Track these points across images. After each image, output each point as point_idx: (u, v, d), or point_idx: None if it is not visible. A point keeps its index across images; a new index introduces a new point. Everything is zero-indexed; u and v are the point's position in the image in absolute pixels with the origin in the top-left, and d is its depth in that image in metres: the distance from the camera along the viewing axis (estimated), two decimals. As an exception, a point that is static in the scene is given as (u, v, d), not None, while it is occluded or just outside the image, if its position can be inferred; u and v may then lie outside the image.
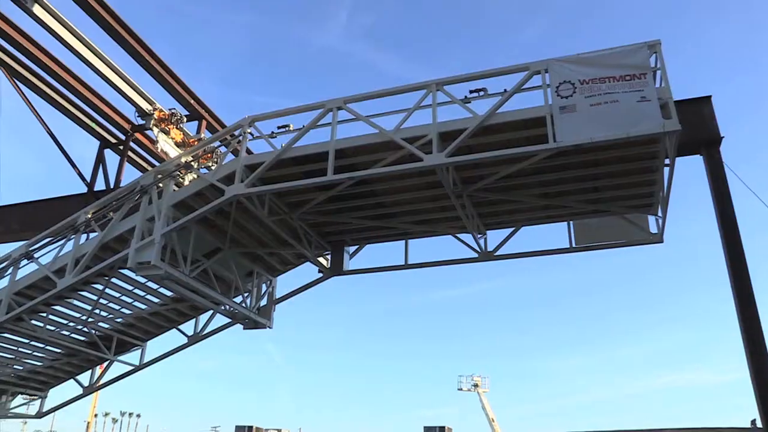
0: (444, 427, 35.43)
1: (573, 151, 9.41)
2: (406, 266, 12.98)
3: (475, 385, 59.21)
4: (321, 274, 13.37)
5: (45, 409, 17.27)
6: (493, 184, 10.75)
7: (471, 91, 9.77)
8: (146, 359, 15.11)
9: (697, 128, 11.66)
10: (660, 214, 11.36)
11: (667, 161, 9.77)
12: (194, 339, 14.18)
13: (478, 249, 12.45)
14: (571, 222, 12.20)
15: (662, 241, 11.64)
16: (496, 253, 12.40)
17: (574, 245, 12.12)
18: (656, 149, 9.61)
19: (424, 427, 36.27)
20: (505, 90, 9.36)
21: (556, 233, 12.30)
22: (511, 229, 12.45)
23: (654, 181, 10.55)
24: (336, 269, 13.16)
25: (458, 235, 12.65)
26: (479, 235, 12.40)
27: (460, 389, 60.05)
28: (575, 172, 10.55)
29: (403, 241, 13.13)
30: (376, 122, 9.97)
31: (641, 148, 9.58)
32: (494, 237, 12.56)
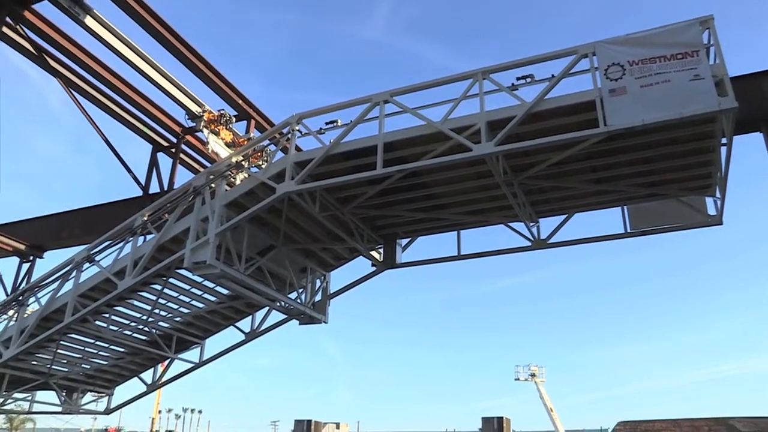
0: (502, 418, 35.05)
1: (624, 135, 9.19)
2: (459, 257, 12.91)
3: (532, 375, 58.59)
4: (374, 268, 13.40)
5: (112, 406, 17.88)
6: (544, 171, 10.60)
7: (518, 78, 9.62)
8: (205, 357, 15.47)
9: (756, 104, 11.28)
10: (718, 195, 11.01)
11: (724, 140, 9.49)
12: (251, 336, 14.42)
13: (531, 237, 12.30)
14: (625, 207, 11.92)
15: (721, 223, 11.27)
16: (550, 241, 12.21)
17: (629, 230, 11.85)
18: (712, 129, 9.32)
19: (482, 419, 35.94)
20: (553, 75, 9.21)
21: (611, 218, 12.08)
22: (564, 216, 12.24)
23: (711, 161, 10.23)
24: (389, 262, 13.19)
25: (510, 224, 12.52)
26: (531, 224, 12.24)
27: (517, 379, 59.55)
28: (628, 156, 10.32)
29: (455, 232, 13.07)
30: (424, 114, 9.94)
31: (696, 128, 9.30)
32: (547, 224, 12.39)
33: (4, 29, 12.77)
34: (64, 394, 17.60)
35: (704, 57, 8.27)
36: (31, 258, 23.96)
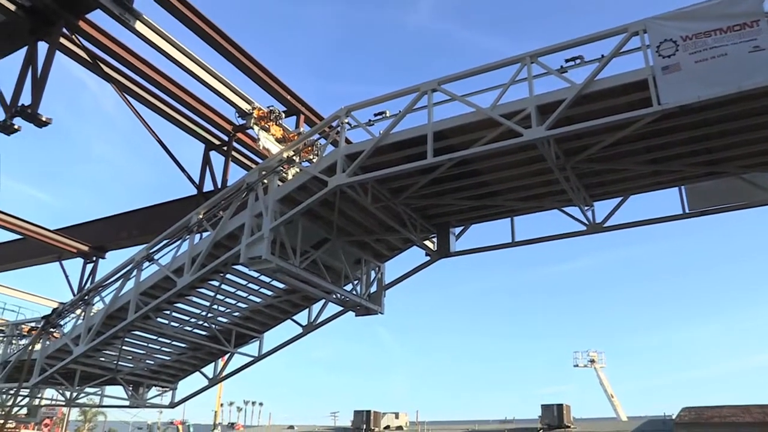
0: (562, 405, 34.66)
1: (680, 113, 8.94)
2: (514, 244, 12.80)
3: (592, 361, 57.67)
4: (428, 257, 13.42)
5: (176, 400, 18.39)
6: (597, 153, 10.41)
7: (567, 60, 9.47)
8: (264, 350, 15.76)
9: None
10: (784, 170, 10.63)
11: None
12: (309, 328, 14.61)
13: (586, 221, 12.11)
14: (682, 187, 11.62)
15: (786, 200, 10.90)
16: (606, 225, 12.01)
17: (687, 211, 11.55)
18: (774, 101, 8.99)
19: (542, 406, 35.60)
20: (602, 56, 9.01)
21: (668, 199, 11.78)
22: (619, 199, 12.01)
23: (773, 136, 9.88)
24: (443, 251, 13.18)
25: (564, 208, 12.34)
26: (586, 207, 12.05)
27: (576, 366, 58.74)
28: (684, 134, 10.04)
29: (509, 219, 12.95)
30: (472, 101, 9.86)
31: (756, 102, 8.96)
32: (602, 208, 12.18)
33: (61, 40, 13.17)
34: (130, 388, 18.19)
35: (765, 26, 7.95)
36: (94, 259, 24.71)
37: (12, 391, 18.91)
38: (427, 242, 13.53)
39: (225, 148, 17.66)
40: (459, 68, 9.51)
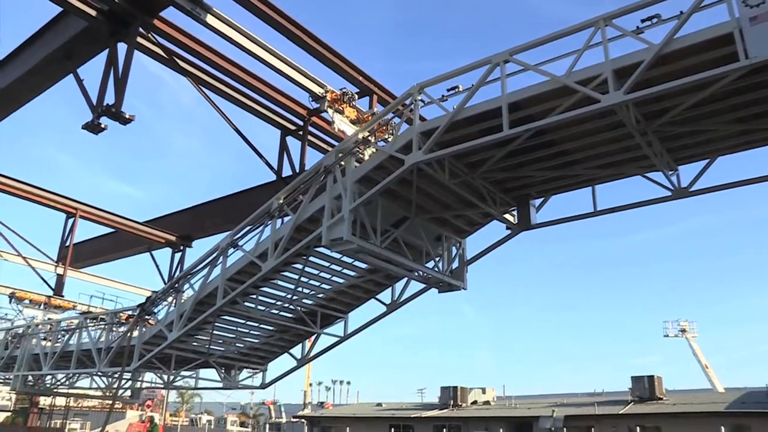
0: (653, 377, 33.71)
1: (771, 66, 8.41)
2: (596, 213, 12.44)
3: (683, 331, 55.67)
4: (509, 231, 13.24)
5: (267, 381, 18.95)
6: (680, 115, 9.96)
7: (642, 20, 9.05)
8: (350, 330, 15.98)
9: None
10: None
11: None
12: (392, 307, 14.71)
13: (671, 186, 11.62)
14: (776, 144, 10.98)
15: None
16: (692, 189, 11.48)
17: (782, 169, 10.92)
18: None
19: (632, 378, 34.72)
20: (681, 12, 8.56)
21: (759, 159, 11.16)
22: (706, 161, 11.46)
23: None
24: (524, 224, 12.96)
25: (647, 174, 11.89)
26: (670, 172, 11.56)
27: (666, 336, 56.85)
28: (775, 88, 9.45)
29: (590, 188, 12.59)
30: (546, 69, 9.58)
31: None
32: (687, 171, 11.66)
33: (138, 39, 13.61)
34: (223, 371, 18.87)
35: None
36: (182, 248, 25.75)
37: (116, 375, 19.96)
38: (507, 215, 13.34)
39: (301, 132, 17.94)
40: (528, 38, 9.18)
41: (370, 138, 12.22)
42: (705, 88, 9.07)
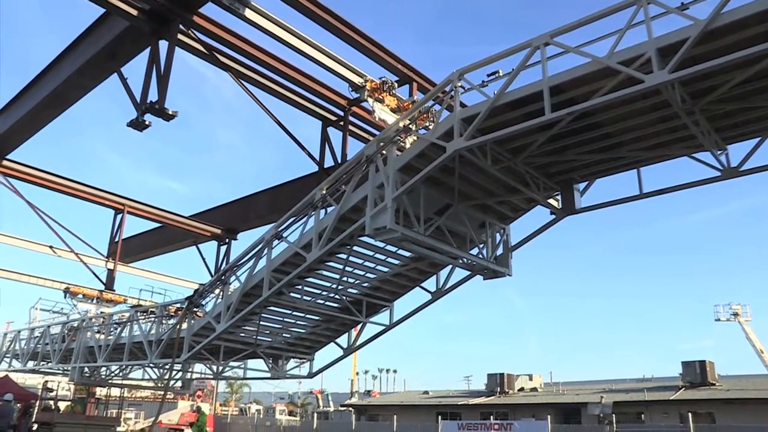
0: (704, 361, 32.94)
1: (829, 37, 8.10)
2: (642, 195, 12.18)
3: (735, 315, 54.17)
4: (553, 216, 13.08)
5: (314, 370, 19.15)
6: (728, 93, 9.66)
7: (687, -4, 8.82)
8: (395, 318, 16.03)
9: None
10: None
11: None
12: (437, 294, 14.70)
13: (720, 166, 11.30)
14: (834, 119, 10.56)
15: None
16: (742, 168, 11.14)
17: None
18: None
19: (683, 363, 33.98)
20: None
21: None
22: (757, 140, 11.10)
23: None
24: (568, 209, 12.79)
25: (694, 154, 11.58)
26: (719, 151, 11.23)
27: (718, 320, 55.47)
28: (834, 60, 9.10)
29: (634, 171, 12.34)
30: (587, 51, 9.42)
31: None
32: (737, 151, 11.32)
33: (179, 36, 13.82)
34: (270, 361, 19.13)
35: None
36: (227, 240, 26.16)
37: (167, 366, 20.42)
38: (551, 200, 13.18)
39: (341, 123, 18.01)
40: (569, 19, 8.97)
41: (411, 126, 12.19)
42: (755, 63, 8.81)
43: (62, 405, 26.17)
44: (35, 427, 24.18)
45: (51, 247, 26.60)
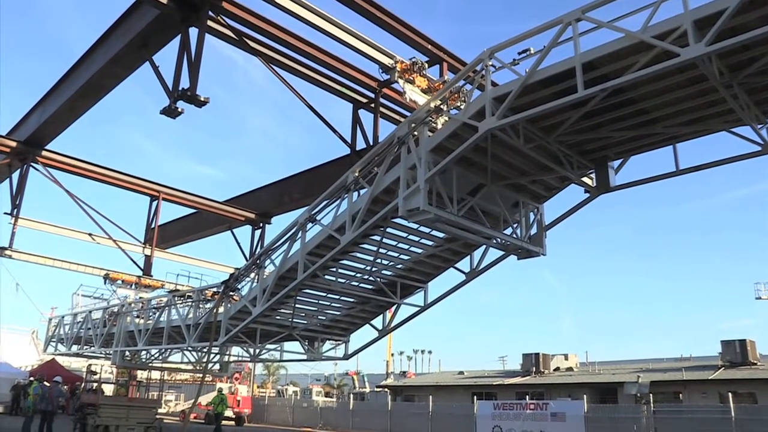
0: (745, 341, 32.24)
1: None
2: (679, 172, 11.93)
3: (776, 293, 53.07)
4: (588, 194, 12.93)
5: (350, 352, 19.31)
6: (768, 65, 9.40)
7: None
8: (429, 299, 16.05)
9: None
10: None
11: None
12: (472, 275, 14.68)
13: (761, 141, 11.00)
14: None
15: None
16: (785, 141, 10.86)
17: None
18: None
19: (722, 342, 33.35)
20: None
21: None
22: (800, 113, 10.79)
23: None
24: (603, 187, 12.62)
25: (733, 129, 11.30)
26: (759, 126, 10.93)
27: (759, 298, 54.40)
28: None
29: (671, 147, 12.09)
30: (620, 25, 9.21)
31: None
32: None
33: (209, 23, 13.91)
34: (306, 343, 19.32)
35: None
36: (261, 225, 26.42)
37: (205, 350, 20.78)
38: (585, 179, 13.03)
39: (372, 105, 18.00)
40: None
41: (442, 107, 12.12)
42: (797, 31, 8.52)
43: (105, 387, 26.86)
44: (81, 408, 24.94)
45: (90, 234, 27.13)
